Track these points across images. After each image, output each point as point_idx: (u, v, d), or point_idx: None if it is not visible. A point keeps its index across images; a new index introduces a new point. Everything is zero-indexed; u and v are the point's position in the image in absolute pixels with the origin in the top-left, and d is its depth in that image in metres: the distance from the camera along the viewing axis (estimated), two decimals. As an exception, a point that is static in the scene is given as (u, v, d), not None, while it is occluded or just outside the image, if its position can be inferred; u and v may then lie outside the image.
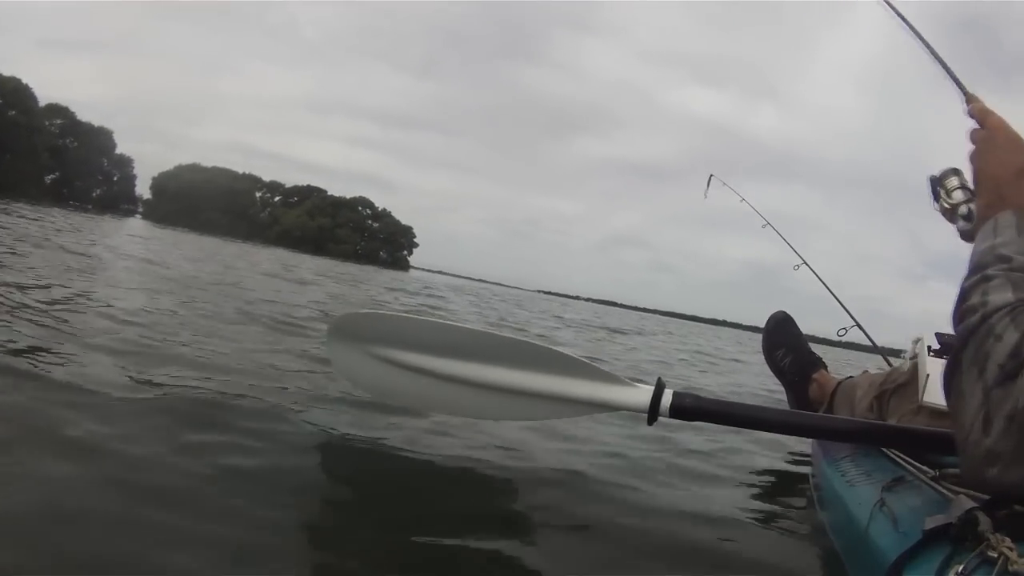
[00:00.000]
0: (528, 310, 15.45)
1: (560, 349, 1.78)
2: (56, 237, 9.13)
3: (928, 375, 1.57)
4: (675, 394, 1.54)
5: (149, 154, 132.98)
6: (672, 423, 1.71)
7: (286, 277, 10.83)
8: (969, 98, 1.38)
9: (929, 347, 1.74)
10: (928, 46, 1.64)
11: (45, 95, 66.37)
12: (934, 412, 1.53)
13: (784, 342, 2.46)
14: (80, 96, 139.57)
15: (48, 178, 64.40)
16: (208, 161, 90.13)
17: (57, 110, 66.44)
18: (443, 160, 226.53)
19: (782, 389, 2.49)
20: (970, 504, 0.99)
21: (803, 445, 2.68)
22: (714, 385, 5.16)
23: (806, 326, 2.54)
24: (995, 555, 0.87)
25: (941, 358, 1.72)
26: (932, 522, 1.00)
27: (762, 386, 5.33)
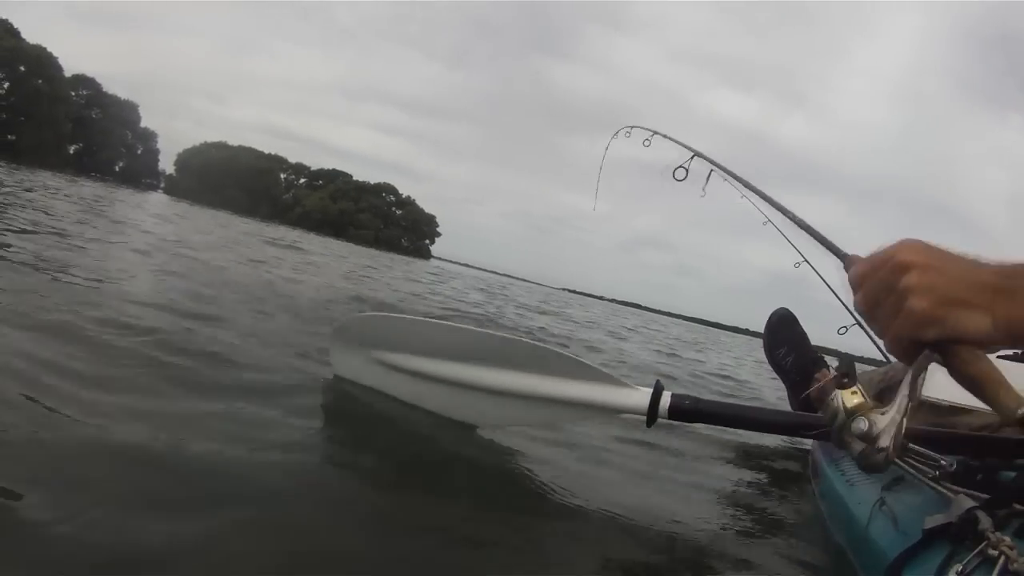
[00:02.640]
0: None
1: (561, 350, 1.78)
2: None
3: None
4: (673, 396, 1.54)
5: (179, 130, 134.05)
6: (671, 424, 1.70)
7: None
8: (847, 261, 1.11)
9: None
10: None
11: (76, 67, 67.20)
12: (934, 408, 1.49)
13: (786, 340, 2.41)
14: (111, 70, 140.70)
15: (72, 148, 64.95)
16: (238, 140, 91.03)
17: (83, 80, 66.93)
18: (470, 152, 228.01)
19: None
20: (970, 503, 0.98)
21: (803, 444, 2.65)
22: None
23: (825, 338, 2.49)
24: (995, 554, 0.87)
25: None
26: (932, 521, 0.99)
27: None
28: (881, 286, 0.90)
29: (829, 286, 2.85)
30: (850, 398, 0.98)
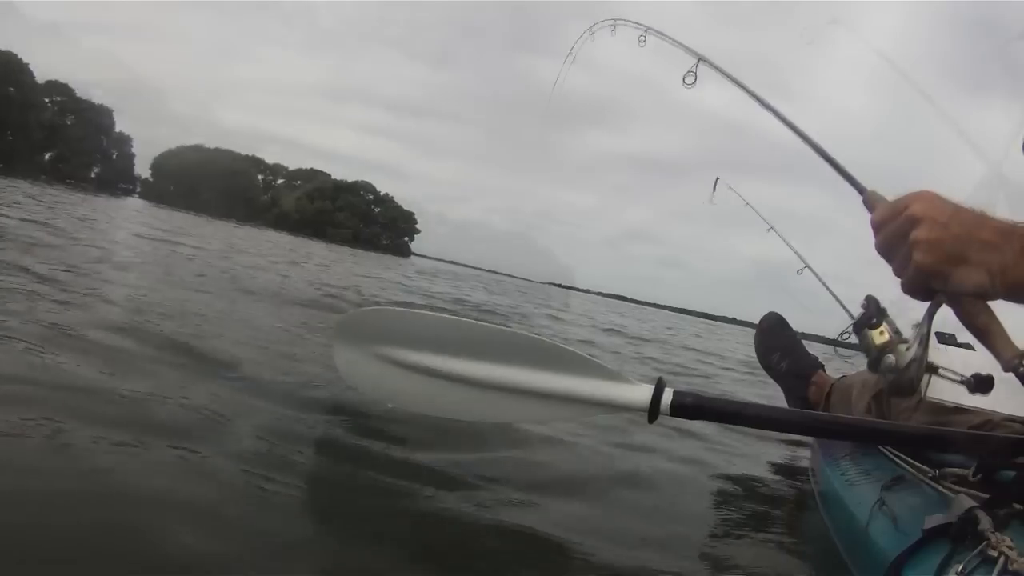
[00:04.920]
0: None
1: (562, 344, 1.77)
2: None
3: (937, 369, 1.48)
4: (676, 392, 1.52)
5: (164, 136, 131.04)
6: (671, 422, 1.71)
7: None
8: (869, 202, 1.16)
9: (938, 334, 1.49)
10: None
11: (58, 75, 65.85)
12: (935, 408, 1.49)
13: (779, 345, 2.41)
14: (94, 77, 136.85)
15: (47, 155, 63.99)
16: (222, 144, 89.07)
17: (56, 87, 65.82)
18: (456, 150, 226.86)
19: None
20: (970, 503, 1.00)
21: (803, 444, 2.66)
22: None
23: (816, 326, 2.48)
24: (995, 554, 0.88)
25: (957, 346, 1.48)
26: (932, 521, 1.00)
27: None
28: (895, 236, 0.99)
29: (831, 291, 2.86)
30: (878, 337, 1.12)
